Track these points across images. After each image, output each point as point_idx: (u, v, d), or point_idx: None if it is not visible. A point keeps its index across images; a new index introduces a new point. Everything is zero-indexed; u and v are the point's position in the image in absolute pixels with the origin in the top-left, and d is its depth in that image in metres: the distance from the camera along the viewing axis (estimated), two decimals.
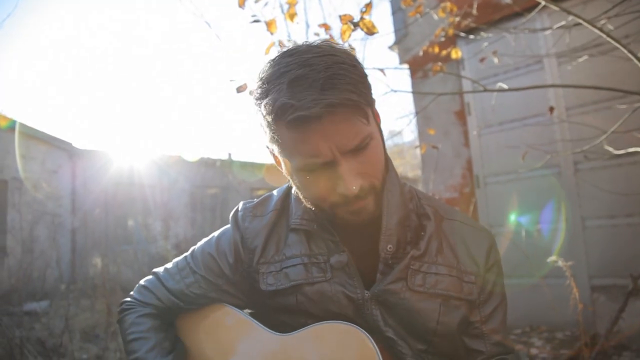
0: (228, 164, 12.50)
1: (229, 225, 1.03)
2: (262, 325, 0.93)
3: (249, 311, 1.02)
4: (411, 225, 0.91)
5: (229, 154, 12.98)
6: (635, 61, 1.81)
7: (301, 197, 0.86)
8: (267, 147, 0.85)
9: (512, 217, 4.11)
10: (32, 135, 8.71)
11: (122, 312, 1.06)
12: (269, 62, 0.78)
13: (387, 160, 0.88)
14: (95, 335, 4.35)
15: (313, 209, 0.85)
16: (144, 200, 10.32)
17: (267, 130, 0.77)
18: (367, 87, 0.78)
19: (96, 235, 9.10)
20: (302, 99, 0.69)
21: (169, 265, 1.08)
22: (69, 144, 9.66)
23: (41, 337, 3.50)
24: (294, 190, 0.97)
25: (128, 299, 1.08)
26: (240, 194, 12.15)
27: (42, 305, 5.47)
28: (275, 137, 0.76)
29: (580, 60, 2.85)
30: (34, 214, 8.42)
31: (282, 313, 0.91)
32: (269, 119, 0.74)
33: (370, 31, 1.40)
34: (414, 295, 0.86)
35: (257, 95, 0.77)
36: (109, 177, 9.84)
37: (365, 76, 0.78)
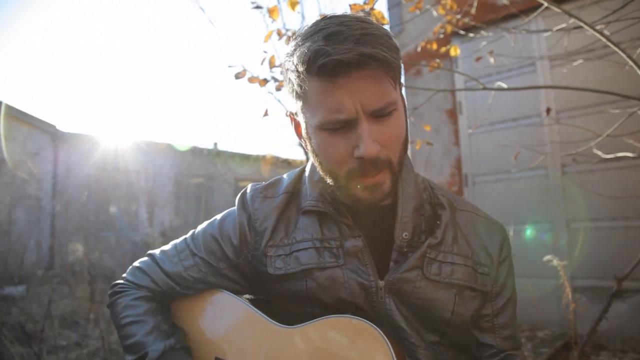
0: (215, 154, 12.39)
1: (233, 208, 0.99)
2: (265, 315, 0.89)
3: (249, 297, 0.98)
4: (425, 214, 0.90)
5: (215, 144, 12.86)
6: (634, 66, 1.83)
7: (317, 163, 0.84)
8: (290, 113, 0.86)
9: (499, 217, 4.15)
10: (13, 116, 8.51)
11: (113, 295, 1.01)
12: (306, 25, 0.79)
13: (407, 145, 0.86)
14: (74, 321, 4.27)
15: (328, 178, 0.83)
16: (128, 186, 10.18)
17: (295, 84, 0.77)
18: (399, 58, 0.78)
19: (77, 220, 8.94)
20: (336, 47, 0.70)
21: (166, 247, 1.03)
22: (53, 126, 9.47)
23: (20, 321, 3.42)
24: (307, 173, 0.96)
25: (120, 281, 1.03)
26: (226, 184, 12.06)
27: (20, 290, 5.36)
28: (302, 89, 0.76)
29: (575, 64, 2.88)
30: (13, 197, 8.24)
31: (288, 300, 0.88)
32: (300, 68, 0.74)
33: (380, 22, 1.39)
34: (430, 285, 0.84)
35: (292, 49, 0.78)
36: (93, 162, 9.67)
37: (397, 51, 0.78)
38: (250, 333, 0.89)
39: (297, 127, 0.88)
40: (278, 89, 2.99)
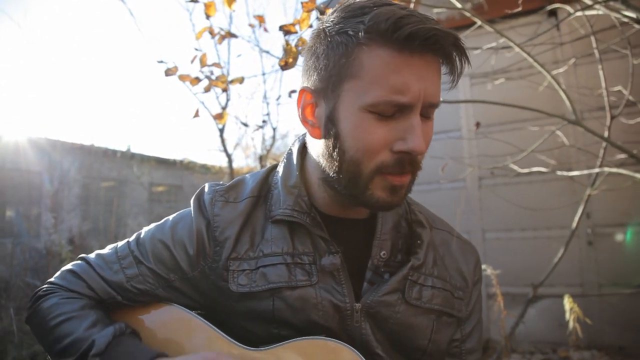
0: (128, 157, 11.67)
1: (188, 210, 0.85)
2: (226, 335, 0.77)
3: (201, 313, 0.85)
4: (402, 232, 0.83)
5: (128, 146, 12.12)
6: (555, 84, 1.98)
7: (335, 152, 0.71)
8: (305, 88, 0.74)
9: None
10: None
11: (37, 299, 0.82)
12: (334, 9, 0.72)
13: None
14: None
15: (344, 172, 0.71)
16: (29, 188, 9.25)
17: (349, 49, 0.66)
18: None
19: None
20: (428, 19, 0.63)
21: (103, 251, 0.87)
22: None
23: None
24: (279, 176, 0.84)
25: (45, 286, 0.85)
26: (140, 189, 11.42)
27: None
28: (357, 62, 0.66)
29: (497, 82, 3.08)
30: None
31: (251, 320, 0.78)
32: (371, 31, 0.64)
33: None
34: (409, 310, 0.78)
35: (347, 14, 0.68)
36: None
37: None
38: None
39: (307, 106, 0.75)
40: (207, 89, 2.85)
